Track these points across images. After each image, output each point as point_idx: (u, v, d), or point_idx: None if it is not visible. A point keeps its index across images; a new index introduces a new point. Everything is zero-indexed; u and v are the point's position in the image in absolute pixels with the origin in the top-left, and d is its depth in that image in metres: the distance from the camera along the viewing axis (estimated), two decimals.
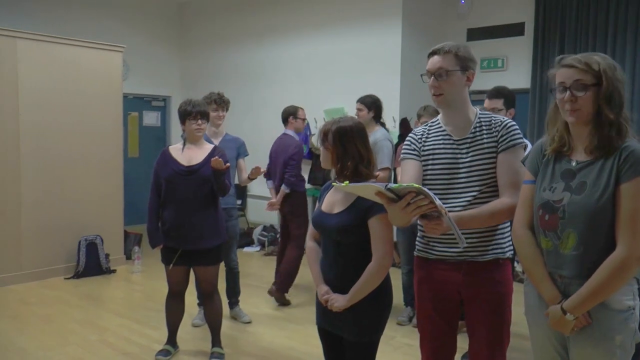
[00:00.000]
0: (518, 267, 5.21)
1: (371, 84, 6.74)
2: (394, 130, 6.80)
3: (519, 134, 2.33)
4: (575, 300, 1.93)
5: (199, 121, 3.76)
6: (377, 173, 2.54)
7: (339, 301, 2.35)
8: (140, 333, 4.46)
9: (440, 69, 2.31)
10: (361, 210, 2.31)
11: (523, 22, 7.17)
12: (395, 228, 2.49)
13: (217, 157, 3.60)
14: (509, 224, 2.39)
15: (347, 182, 2.07)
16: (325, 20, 7.74)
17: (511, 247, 2.40)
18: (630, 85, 6.29)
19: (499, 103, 3.75)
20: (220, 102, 4.62)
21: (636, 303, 1.96)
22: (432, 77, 2.34)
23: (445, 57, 2.32)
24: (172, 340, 3.99)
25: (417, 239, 2.49)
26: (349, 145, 2.39)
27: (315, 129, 7.65)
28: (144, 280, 6.13)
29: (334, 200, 2.43)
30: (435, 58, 2.34)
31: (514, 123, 2.36)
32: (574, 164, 2.01)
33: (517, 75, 7.13)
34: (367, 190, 2.05)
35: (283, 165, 5.20)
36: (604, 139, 1.92)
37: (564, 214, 1.97)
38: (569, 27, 6.78)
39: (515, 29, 7.21)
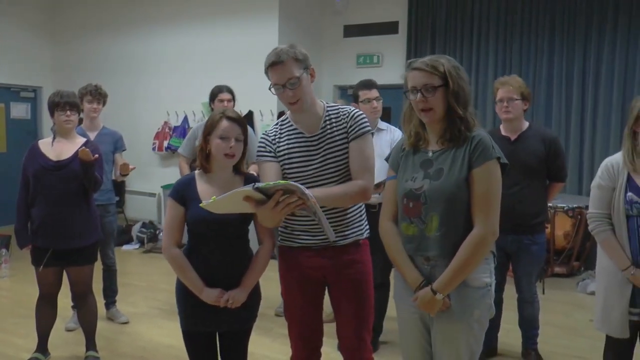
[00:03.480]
0: None
1: (250, 77, 6.74)
2: (272, 123, 6.86)
3: (366, 122, 2.45)
4: (442, 280, 2.12)
5: (68, 112, 3.58)
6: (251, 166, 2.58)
7: (240, 295, 2.42)
8: (6, 343, 4.17)
9: (290, 78, 2.31)
10: None
11: (397, 20, 7.51)
12: None
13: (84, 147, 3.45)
14: (364, 206, 2.55)
15: (214, 197, 2.04)
16: (204, 13, 7.63)
17: (368, 228, 2.57)
18: (493, 77, 6.82)
19: (377, 92, 3.91)
20: (97, 94, 4.43)
21: (492, 280, 2.19)
22: (285, 88, 2.33)
23: (288, 65, 2.31)
24: (42, 347, 3.77)
25: (280, 229, 2.55)
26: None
27: (193, 121, 7.54)
28: (12, 285, 5.73)
29: (212, 193, 2.38)
30: (279, 68, 2.31)
31: (361, 112, 2.48)
32: (430, 154, 2.21)
33: (392, 71, 7.44)
34: (235, 198, 2.02)
35: None
36: (455, 132, 2.14)
37: (425, 200, 2.15)
38: (439, 26, 7.29)
39: (390, 27, 7.54)
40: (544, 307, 3.77)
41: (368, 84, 3.94)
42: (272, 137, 2.50)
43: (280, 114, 6.85)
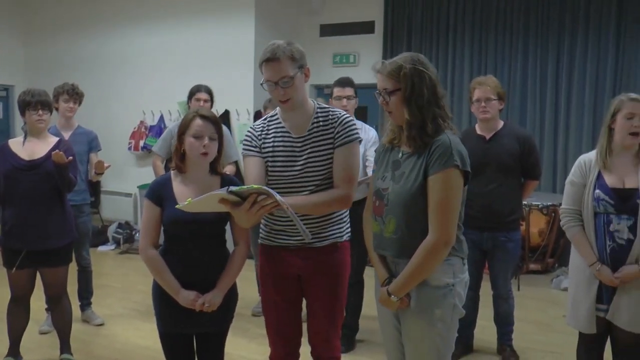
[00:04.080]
0: None
1: (225, 76, 6.74)
2: (249, 122, 6.88)
3: (355, 129, 2.44)
4: (397, 283, 2.16)
5: (40, 112, 3.52)
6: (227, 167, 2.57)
7: (216, 298, 2.40)
8: None
9: (283, 77, 2.30)
10: None
11: (373, 20, 7.55)
12: None
13: (58, 150, 3.40)
14: (348, 210, 2.55)
15: (190, 199, 2.05)
16: (179, 11, 7.56)
17: (349, 231, 2.59)
18: (469, 77, 6.92)
19: (351, 91, 3.91)
20: (73, 93, 4.37)
21: (456, 280, 2.18)
22: (277, 86, 2.32)
23: (283, 63, 2.29)
24: (14, 351, 3.69)
25: (261, 227, 2.57)
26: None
27: (169, 121, 7.49)
28: None
29: (188, 194, 2.39)
30: (274, 65, 2.29)
31: (351, 118, 2.48)
32: (400, 155, 2.21)
33: (368, 70, 7.17)
34: (211, 200, 2.03)
35: None
36: (409, 136, 2.13)
37: (387, 201, 2.18)
38: (415, 26, 7.34)
39: (366, 27, 7.57)
40: (519, 303, 3.82)
41: (342, 82, 3.94)
42: (259, 132, 2.49)
43: (257, 114, 6.85)
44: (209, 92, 4.58)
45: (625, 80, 6.36)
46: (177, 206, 2.14)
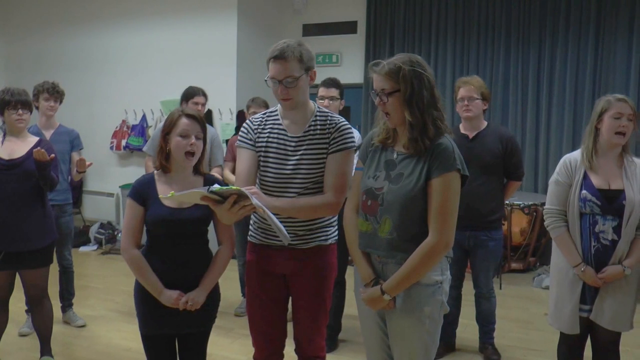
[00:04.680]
0: None
1: (208, 76, 6.71)
2: (231, 122, 6.86)
3: (352, 137, 2.43)
4: (392, 282, 2.15)
5: (20, 111, 3.48)
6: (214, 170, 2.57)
7: (199, 297, 2.40)
8: None
9: (288, 77, 2.31)
10: None
11: (356, 20, 7.57)
12: None
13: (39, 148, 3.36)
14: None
15: (173, 192, 2.06)
16: (162, 10, 7.50)
17: (336, 235, 2.58)
18: (451, 77, 7.01)
19: (336, 92, 3.91)
20: (53, 92, 4.32)
21: (444, 278, 2.21)
22: (280, 84, 2.32)
23: (290, 64, 2.30)
24: None
25: (250, 224, 2.58)
26: None
27: (152, 120, 7.44)
28: None
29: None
30: (281, 64, 2.31)
31: (349, 126, 2.46)
32: (395, 155, 2.20)
33: (351, 70, 7.49)
34: (193, 196, 2.06)
35: None
36: (411, 138, 2.12)
37: (382, 202, 2.16)
38: (398, 27, 7.36)
39: (349, 27, 7.59)
40: (501, 302, 3.86)
41: (327, 82, 3.95)
42: (256, 126, 2.49)
43: (240, 113, 6.83)
44: (205, 96, 4.59)
45: (604, 81, 6.46)
46: (160, 196, 2.20)
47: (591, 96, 6.35)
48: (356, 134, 3.97)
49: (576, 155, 2.87)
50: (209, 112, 7.01)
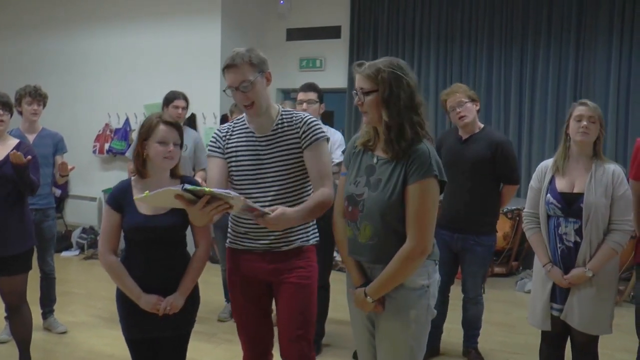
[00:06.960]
0: (338, 257, 5.49)
1: (192, 80, 6.69)
2: (215, 126, 6.83)
3: (320, 128, 2.48)
4: (374, 286, 2.18)
5: (0, 112, 3.44)
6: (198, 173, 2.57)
7: (178, 301, 2.41)
8: None
9: (243, 82, 2.37)
10: None
11: (339, 25, 7.59)
12: (211, 225, 2.65)
13: (16, 152, 3.29)
14: None
15: (147, 192, 2.06)
16: (145, 13, 7.46)
17: (316, 235, 2.60)
18: (435, 82, 7.08)
19: (314, 95, 3.91)
20: (36, 95, 4.26)
21: (430, 282, 2.22)
22: (237, 91, 2.39)
23: (242, 69, 2.36)
24: None
25: (229, 231, 2.59)
26: None
27: (135, 124, 7.38)
28: None
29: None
30: (233, 71, 2.38)
31: (314, 118, 2.52)
32: (375, 160, 2.22)
33: (334, 75, 7.51)
34: (167, 196, 2.06)
35: None
36: (387, 140, 2.14)
37: (362, 208, 2.18)
38: (381, 32, 7.41)
39: (333, 32, 7.61)
40: (484, 305, 3.88)
41: (305, 86, 3.98)
42: (224, 134, 2.55)
43: (224, 117, 6.81)
44: (186, 100, 4.56)
45: (584, 88, 6.55)
46: (135, 198, 2.21)
47: (572, 101, 6.40)
48: (339, 136, 4.00)
49: (550, 161, 3.01)
50: (193, 116, 6.97)
